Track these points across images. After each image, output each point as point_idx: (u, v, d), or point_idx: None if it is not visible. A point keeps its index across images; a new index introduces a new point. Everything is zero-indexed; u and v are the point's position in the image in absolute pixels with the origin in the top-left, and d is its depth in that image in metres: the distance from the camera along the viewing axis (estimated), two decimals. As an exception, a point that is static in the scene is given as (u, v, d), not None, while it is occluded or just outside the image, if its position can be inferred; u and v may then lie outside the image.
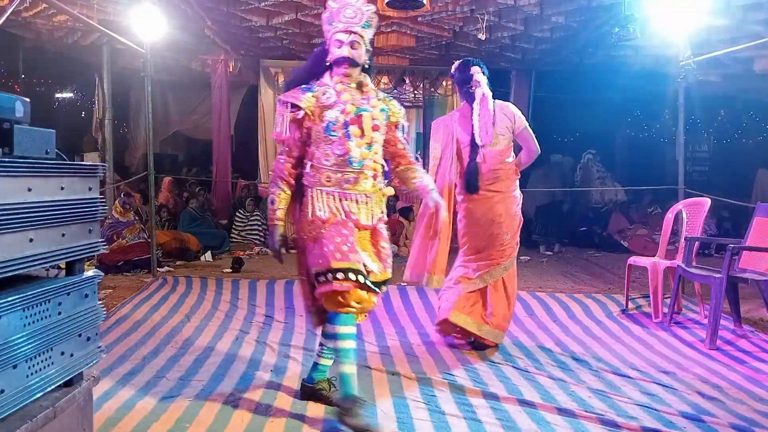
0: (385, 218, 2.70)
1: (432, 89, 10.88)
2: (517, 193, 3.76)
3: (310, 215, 2.53)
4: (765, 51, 7.19)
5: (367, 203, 2.58)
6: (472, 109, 3.66)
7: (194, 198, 8.33)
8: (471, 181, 3.65)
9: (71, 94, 12.49)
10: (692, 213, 4.62)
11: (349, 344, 2.46)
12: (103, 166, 1.92)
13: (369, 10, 2.57)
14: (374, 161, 2.59)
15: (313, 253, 2.48)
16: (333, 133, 2.51)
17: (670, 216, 4.77)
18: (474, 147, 3.64)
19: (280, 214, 2.57)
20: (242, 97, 11.44)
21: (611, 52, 8.26)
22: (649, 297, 4.67)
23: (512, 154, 3.77)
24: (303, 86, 2.62)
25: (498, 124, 3.66)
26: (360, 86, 2.62)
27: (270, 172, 2.83)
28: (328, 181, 2.53)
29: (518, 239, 3.78)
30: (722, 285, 3.85)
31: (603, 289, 5.60)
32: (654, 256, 4.78)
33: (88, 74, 9.57)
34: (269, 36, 8.33)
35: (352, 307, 2.41)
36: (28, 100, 1.64)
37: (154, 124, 6.23)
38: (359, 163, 2.53)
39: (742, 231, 4.43)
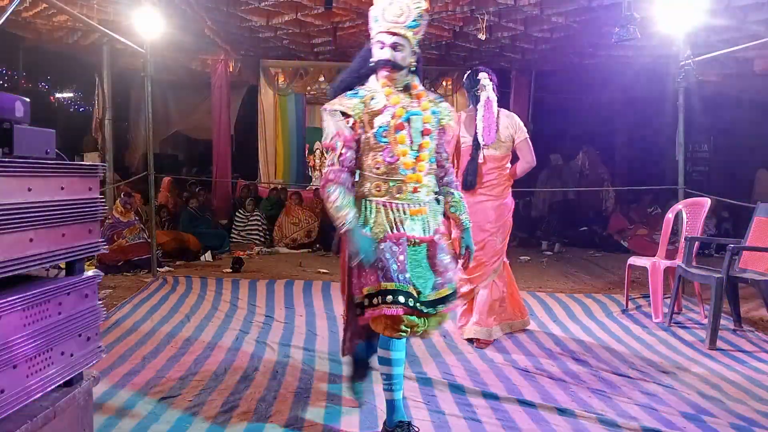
0: (443, 229, 2.48)
1: (432, 89, 10.88)
2: (510, 200, 3.90)
3: None
4: (765, 51, 7.20)
5: (421, 214, 2.39)
6: (477, 110, 3.77)
7: (194, 198, 8.33)
8: (470, 178, 3.75)
9: (71, 94, 12.49)
10: (692, 213, 4.62)
11: (401, 370, 2.36)
12: (103, 166, 1.92)
13: (417, 8, 2.37)
14: (427, 168, 2.40)
15: (361, 273, 2.29)
16: (383, 139, 2.34)
17: (670, 216, 4.77)
18: (476, 146, 3.76)
19: (352, 215, 2.28)
20: (242, 97, 11.44)
21: (611, 52, 8.26)
22: (649, 297, 4.67)
23: (509, 163, 3.91)
24: (349, 92, 2.40)
25: (501, 129, 3.80)
26: (408, 88, 2.47)
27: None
28: (378, 190, 2.35)
29: (506, 243, 3.92)
30: (722, 285, 3.85)
31: (603, 289, 5.60)
32: (654, 256, 4.78)
33: (88, 74, 9.58)
34: (269, 36, 8.33)
35: (403, 332, 2.26)
36: (28, 100, 1.64)
37: (154, 124, 6.23)
38: (411, 170, 2.35)
39: (742, 231, 4.43)
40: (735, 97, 9.92)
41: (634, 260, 4.87)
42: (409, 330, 2.27)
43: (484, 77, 3.84)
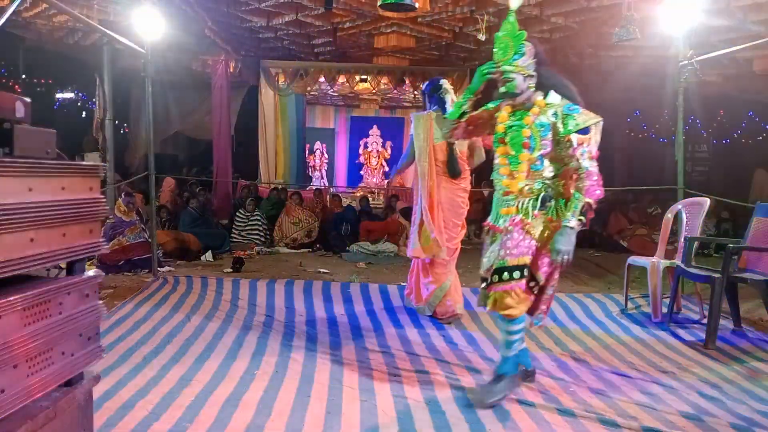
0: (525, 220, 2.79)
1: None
2: (467, 186, 4.50)
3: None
4: (765, 51, 7.20)
5: (509, 214, 2.81)
6: (445, 110, 4.24)
7: (194, 198, 8.33)
8: (454, 166, 4.29)
9: (71, 94, 12.50)
10: (691, 213, 4.62)
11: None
12: (103, 166, 1.92)
13: (517, 40, 2.73)
14: (528, 175, 2.76)
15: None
16: (494, 147, 2.90)
17: (669, 216, 4.77)
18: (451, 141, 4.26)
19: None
20: (242, 97, 11.46)
21: (611, 52, 8.27)
22: (648, 297, 4.67)
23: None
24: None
25: None
26: (528, 106, 2.79)
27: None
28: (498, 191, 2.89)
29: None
30: (721, 285, 3.85)
31: (603, 289, 5.60)
32: (653, 256, 4.78)
33: (89, 74, 9.59)
34: (269, 36, 8.35)
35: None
36: (28, 100, 1.64)
37: (155, 124, 6.23)
38: (508, 177, 2.82)
39: (742, 231, 4.44)
40: (735, 97, 9.93)
41: (633, 260, 4.87)
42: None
43: (445, 83, 4.45)
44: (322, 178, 13.85)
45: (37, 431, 1.49)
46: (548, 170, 2.77)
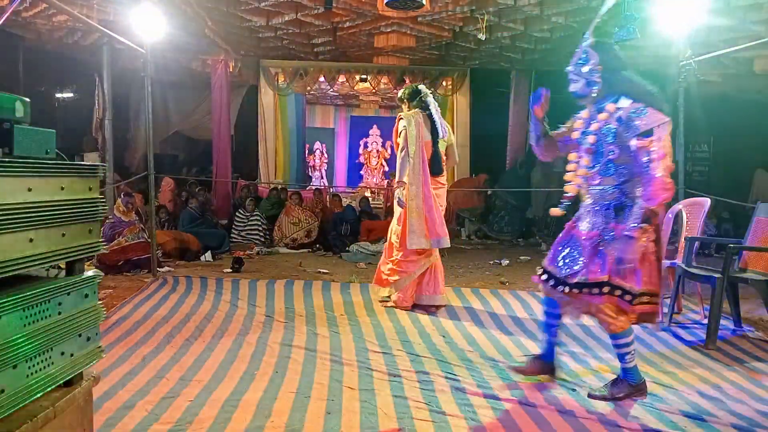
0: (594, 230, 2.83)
1: (432, 89, 10.86)
2: (445, 183, 4.87)
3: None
4: (765, 51, 7.20)
5: (588, 216, 2.86)
6: (428, 113, 4.61)
7: (194, 198, 8.33)
8: (436, 166, 4.64)
9: (71, 94, 12.48)
10: (692, 213, 4.62)
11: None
12: (103, 166, 1.91)
13: (584, 47, 2.91)
14: (596, 180, 2.84)
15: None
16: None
17: (669, 216, 4.76)
18: (435, 139, 4.60)
19: None
20: (242, 97, 11.45)
21: (611, 52, 8.26)
22: (649, 297, 4.66)
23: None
24: None
25: (444, 129, 4.77)
26: (600, 110, 2.85)
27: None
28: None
29: None
30: (722, 285, 3.85)
31: (603, 289, 5.59)
32: (654, 256, 4.77)
33: (88, 74, 9.58)
34: (269, 36, 8.34)
35: None
36: (28, 100, 1.63)
37: (154, 124, 6.23)
38: (583, 183, 2.92)
39: (742, 231, 4.43)
40: (735, 97, 9.93)
41: (634, 260, 4.86)
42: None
43: (423, 87, 4.75)
44: (322, 178, 13.86)
45: (37, 431, 1.49)
46: (619, 175, 2.77)
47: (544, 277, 2.94)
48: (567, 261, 2.85)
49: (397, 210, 4.65)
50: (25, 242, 1.51)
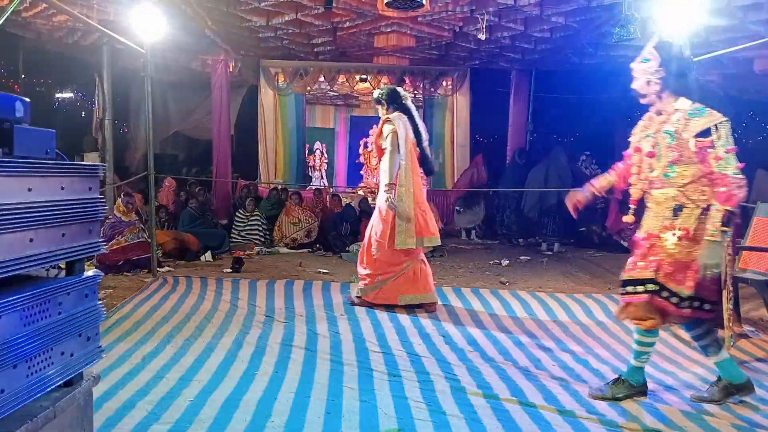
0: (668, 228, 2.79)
1: (432, 89, 10.88)
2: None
3: None
4: (765, 51, 7.19)
5: (647, 219, 2.86)
6: (410, 116, 4.65)
7: (193, 198, 8.32)
8: (427, 166, 4.75)
9: (71, 94, 12.49)
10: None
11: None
12: (103, 166, 1.91)
13: (647, 48, 2.92)
14: (659, 184, 2.80)
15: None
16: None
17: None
18: (419, 141, 4.65)
19: None
20: (242, 97, 11.44)
21: (611, 52, 8.26)
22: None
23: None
24: None
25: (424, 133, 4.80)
26: (659, 112, 2.86)
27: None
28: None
29: None
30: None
31: (603, 289, 5.60)
32: (654, 256, 4.77)
33: (88, 74, 9.58)
34: (269, 36, 8.33)
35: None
36: (28, 100, 1.63)
37: (154, 124, 6.23)
38: (642, 186, 2.90)
39: (742, 231, 4.43)
40: (735, 97, 9.93)
41: (634, 260, 4.86)
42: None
43: (402, 90, 4.76)
44: (322, 178, 13.85)
45: (37, 431, 1.49)
46: (681, 177, 2.74)
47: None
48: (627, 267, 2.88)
49: (378, 212, 4.62)
50: (25, 242, 1.51)
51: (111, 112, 8.84)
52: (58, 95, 12.31)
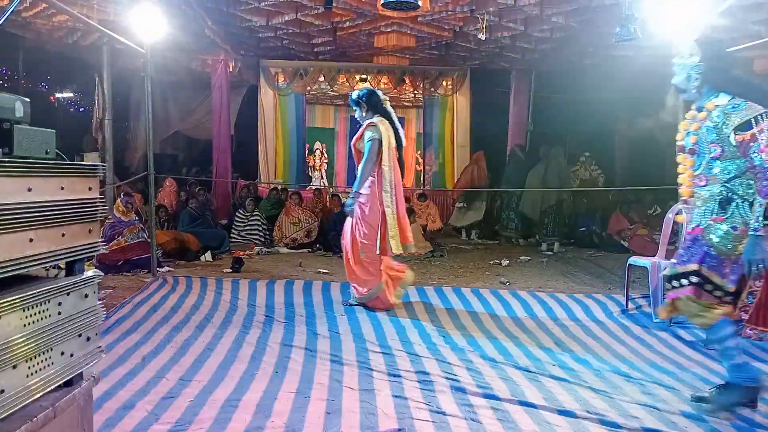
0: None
1: (432, 89, 10.89)
2: None
3: None
4: (765, 51, 7.19)
5: (694, 215, 2.83)
6: (390, 119, 4.64)
7: (193, 198, 8.32)
8: (402, 169, 4.73)
9: (71, 94, 12.50)
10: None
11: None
12: (102, 166, 1.91)
13: (689, 42, 2.89)
14: (703, 181, 2.78)
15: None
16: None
17: (670, 216, 4.77)
18: (399, 146, 4.66)
19: None
20: (242, 97, 11.45)
21: (611, 52, 8.26)
22: (649, 297, 4.67)
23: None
24: None
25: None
26: (700, 108, 2.81)
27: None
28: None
29: None
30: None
31: (603, 289, 5.60)
32: (654, 256, 4.77)
33: (88, 74, 9.58)
34: (269, 36, 8.34)
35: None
36: (28, 100, 1.63)
37: (154, 124, 6.23)
38: (686, 183, 2.90)
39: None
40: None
41: (634, 260, 4.87)
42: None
43: (381, 93, 4.73)
44: (322, 178, 13.84)
45: (37, 431, 1.49)
46: (724, 173, 2.71)
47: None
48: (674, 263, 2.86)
49: (361, 216, 4.60)
50: (25, 242, 1.51)
51: (111, 112, 8.83)
52: (58, 95, 12.30)
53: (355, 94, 4.72)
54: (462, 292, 5.29)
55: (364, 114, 4.66)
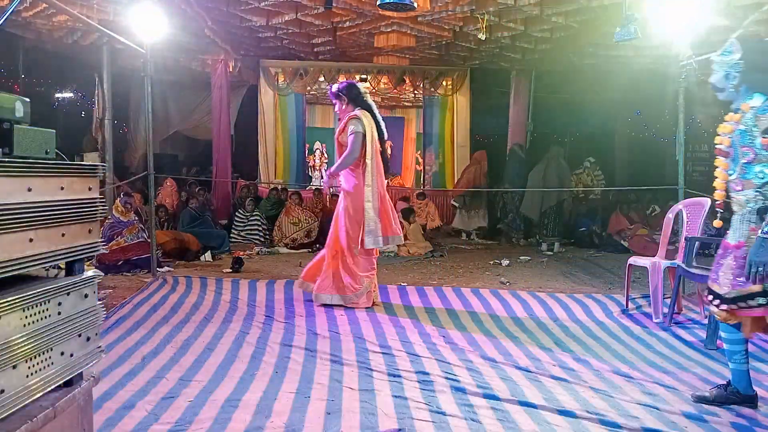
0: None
1: (432, 89, 10.89)
2: None
3: None
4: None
5: (734, 224, 2.71)
6: (372, 113, 4.65)
7: (194, 198, 8.32)
8: (388, 164, 4.88)
9: (71, 94, 12.48)
10: (692, 213, 4.62)
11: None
12: (102, 166, 1.91)
13: (732, 38, 2.75)
14: (738, 185, 2.68)
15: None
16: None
17: (670, 216, 4.77)
18: (382, 140, 4.69)
19: None
20: (242, 97, 11.45)
21: (611, 52, 8.26)
22: (649, 297, 4.67)
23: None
24: None
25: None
26: (737, 109, 2.72)
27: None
28: None
29: None
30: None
31: (603, 289, 5.60)
32: (654, 256, 4.78)
33: (88, 74, 9.58)
34: (269, 36, 8.34)
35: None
36: (28, 100, 1.63)
37: (154, 124, 6.23)
38: (722, 187, 2.80)
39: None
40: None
41: (634, 260, 4.87)
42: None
43: (363, 86, 4.78)
44: (322, 178, 13.84)
45: (37, 431, 1.49)
46: (758, 177, 2.60)
47: (710, 297, 2.77)
48: (722, 276, 2.70)
49: (345, 213, 4.59)
50: (25, 242, 1.50)
51: (111, 112, 8.84)
52: (58, 95, 12.30)
53: (335, 87, 4.71)
54: (462, 292, 5.29)
55: (344, 107, 4.65)
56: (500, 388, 3.00)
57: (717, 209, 2.86)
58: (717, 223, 2.90)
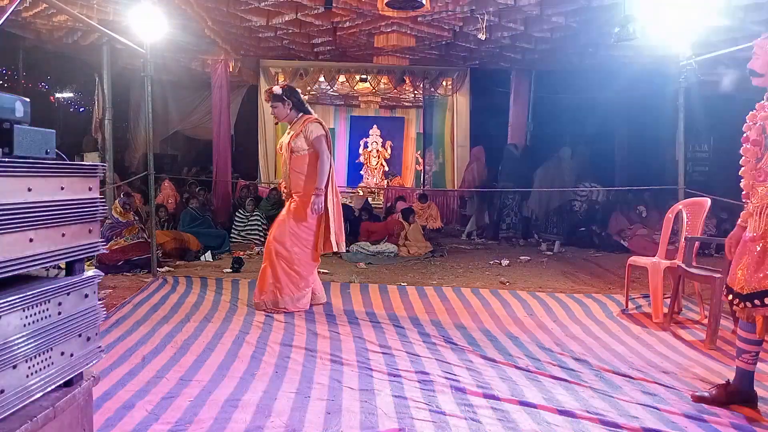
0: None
1: (432, 89, 10.89)
2: None
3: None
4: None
5: (753, 217, 2.64)
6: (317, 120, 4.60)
7: (194, 198, 8.32)
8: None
9: (71, 94, 12.49)
10: (692, 213, 4.62)
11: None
12: (102, 166, 1.91)
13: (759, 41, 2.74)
14: (761, 179, 2.63)
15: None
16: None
17: (670, 216, 4.77)
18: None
19: None
20: (242, 97, 11.45)
21: (611, 52, 8.26)
22: (649, 297, 4.67)
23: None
24: None
25: None
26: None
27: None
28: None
29: None
30: (722, 285, 3.84)
31: (603, 289, 5.60)
32: (654, 256, 4.78)
33: (88, 74, 9.59)
34: (269, 36, 8.33)
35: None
36: (28, 100, 1.63)
37: (154, 124, 6.23)
38: (759, 180, 2.68)
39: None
40: (735, 97, 9.94)
41: (634, 260, 4.87)
42: None
43: (299, 91, 4.66)
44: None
45: (37, 431, 1.49)
46: None
47: (730, 297, 2.71)
48: (739, 273, 2.65)
49: (296, 216, 4.50)
50: (25, 242, 1.50)
51: (111, 112, 8.83)
52: (58, 95, 12.30)
53: (278, 90, 4.57)
54: (462, 292, 5.29)
55: (289, 111, 4.58)
56: (500, 388, 3.00)
57: (744, 200, 2.78)
58: (746, 214, 2.74)
